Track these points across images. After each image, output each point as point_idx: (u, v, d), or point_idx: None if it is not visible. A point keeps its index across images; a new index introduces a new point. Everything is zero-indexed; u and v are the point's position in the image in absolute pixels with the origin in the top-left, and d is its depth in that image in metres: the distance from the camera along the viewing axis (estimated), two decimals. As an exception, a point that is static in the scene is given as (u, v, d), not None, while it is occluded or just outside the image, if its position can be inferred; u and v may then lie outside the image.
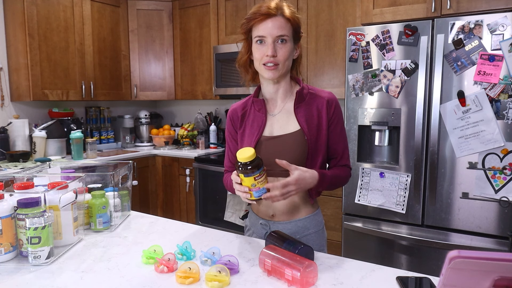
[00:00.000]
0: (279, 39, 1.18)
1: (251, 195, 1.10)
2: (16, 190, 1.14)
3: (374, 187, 2.26)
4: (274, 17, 1.17)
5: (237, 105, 1.37)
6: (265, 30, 1.17)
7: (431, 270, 2.10)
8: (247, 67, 1.30)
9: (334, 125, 1.26)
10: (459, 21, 1.97)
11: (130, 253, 1.18)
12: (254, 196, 1.10)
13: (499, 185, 1.93)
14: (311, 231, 1.29)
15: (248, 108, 1.33)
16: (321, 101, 1.26)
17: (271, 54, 1.17)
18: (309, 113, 1.25)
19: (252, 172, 1.07)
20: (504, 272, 0.55)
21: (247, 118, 1.32)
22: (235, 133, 1.35)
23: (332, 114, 1.26)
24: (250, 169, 1.06)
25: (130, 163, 1.59)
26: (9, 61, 3.04)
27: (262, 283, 0.97)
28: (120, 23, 3.54)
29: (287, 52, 1.19)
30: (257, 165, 1.07)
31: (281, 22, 1.17)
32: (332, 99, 1.27)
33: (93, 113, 3.60)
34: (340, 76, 2.78)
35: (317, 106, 1.26)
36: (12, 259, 1.12)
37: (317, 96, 1.27)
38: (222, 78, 3.30)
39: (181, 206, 3.47)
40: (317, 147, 1.24)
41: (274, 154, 1.22)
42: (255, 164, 1.07)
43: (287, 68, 1.23)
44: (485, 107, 1.93)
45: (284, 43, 1.18)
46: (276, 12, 1.17)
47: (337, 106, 1.27)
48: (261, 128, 1.27)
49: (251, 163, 1.06)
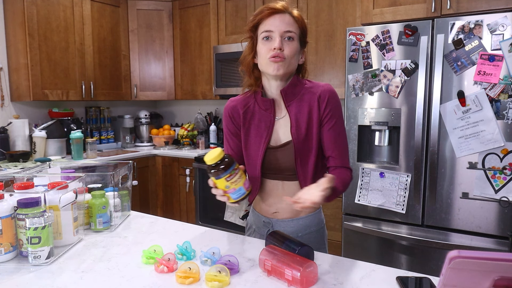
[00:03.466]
0: (286, 35, 1.16)
1: (229, 198, 1.05)
2: (16, 190, 1.14)
3: (374, 187, 2.26)
4: (282, 13, 1.17)
5: (236, 101, 1.31)
6: (272, 24, 1.16)
7: (431, 270, 2.10)
8: (250, 70, 1.25)
9: (327, 121, 1.20)
10: (459, 21, 1.97)
11: (130, 253, 1.18)
12: (232, 199, 1.05)
13: (499, 185, 1.93)
14: (312, 229, 1.29)
15: (251, 106, 1.28)
16: (313, 97, 1.21)
17: (278, 47, 1.14)
18: (300, 110, 1.21)
19: (222, 173, 1.01)
20: (504, 272, 0.55)
21: (252, 117, 1.27)
22: (236, 129, 1.31)
23: (323, 110, 1.20)
24: (217, 171, 1.01)
25: (130, 163, 1.59)
26: (9, 61, 3.04)
27: (262, 283, 0.97)
28: (120, 23, 3.54)
29: (294, 49, 1.17)
30: (227, 165, 1.01)
31: (289, 19, 1.17)
32: (325, 92, 1.21)
33: (93, 113, 3.60)
34: (340, 76, 2.77)
35: (309, 102, 1.21)
36: (12, 259, 1.12)
37: (311, 91, 1.22)
38: (222, 78, 3.30)
39: (181, 206, 3.47)
40: (305, 147, 1.20)
41: (278, 161, 1.23)
42: (222, 165, 1.01)
43: (292, 68, 1.20)
44: (485, 107, 1.93)
45: (291, 41, 1.16)
46: (285, 10, 1.17)
47: (331, 99, 1.20)
48: (269, 130, 1.24)
49: (216, 165, 1.01)
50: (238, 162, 1.30)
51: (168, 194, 3.54)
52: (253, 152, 1.26)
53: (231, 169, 1.02)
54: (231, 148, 1.34)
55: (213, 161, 1.02)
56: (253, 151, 1.26)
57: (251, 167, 1.28)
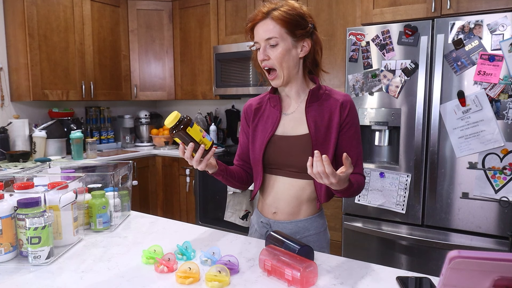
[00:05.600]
0: (267, 43, 1.17)
1: (206, 142, 1.12)
2: (16, 190, 1.14)
3: (374, 187, 2.26)
4: (263, 20, 1.17)
5: (253, 100, 1.37)
6: (256, 35, 1.19)
7: (431, 270, 2.10)
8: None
9: (346, 129, 1.22)
10: (459, 21, 1.97)
11: (130, 253, 1.18)
12: (208, 140, 1.13)
13: (499, 185, 1.93)
14: (311, 232, 1.29)
15: (264, 103, 1.33)
16: (335, 103, 1.22)
17: (261, 59, 1.18)
18: (320, 114, 1.23)
19: (191, 121, 1.09)
20: (504, 272, 0.55)
21: (262, 113, 1.32)
22: (247, 127, 1.35)
23: (345, 117, 1.21)
24: (188, 121, 1.08)
25: (130, 163, 1.59)
26: (9, 61, 3.04)
27: (262, 283, 0.97)
28: (120, 23, 3.54)
29: (279, 54, 1.17)
30: (189, 117, 1.10)
31: (268, 25, 1.16)
32: (347, 101, 1.23)
33: (93, 113, 3.60)
34: (340, 76, 2.78)
35: (330, 108, 1.23)
36: (12, 259, 1.12)
37: (331, 97, 1.24)
38: (222, 78, 3.30)
39: (181, 206, 3.47)
40: (323, 150, 1.21)
41: (282, 154, 1.24)
42: (187, 116, 1.09)
43: (289, 71, 1.20)
44: (485, 107, 1.93)
45: (274, 47, 1.17)
46: (264, 16, 1.17)
47: (352, 109, 1.23)
48: (275, 125, 1.26)
49: (184, 118, 1.08)
50: (245, 160, 1.37)
51: (168, 194, 3.54)
52: (258, 146, 1.29)
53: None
54: (241, 145, 1.39)
55: (177, 118, 1.08)
56: (258, 144, 1.29)
57: (254, 160, 1.31)
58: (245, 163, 1.38)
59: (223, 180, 1.29)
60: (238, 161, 1.39)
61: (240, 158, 1.39)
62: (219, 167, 1.23)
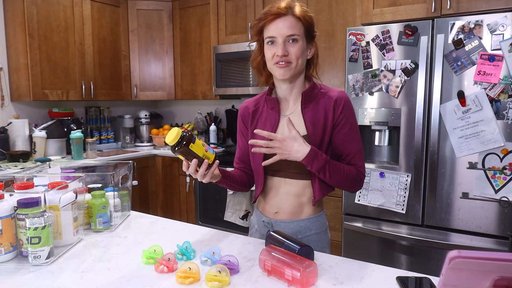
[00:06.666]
0: (289, 38, 1.16)
1: (209, 157, 1.12)
2: (16, 190, 1.14)
3: (374, 187, 2.26)
4: (284, 16, 1.16)
5: (249, 101, 1.36)
6: (275, 30, 1.17)
7: (431, 270, 2.10)
8: (260, 69, 1.29)
9: (341, 126, 1.22)
10: (459, 21, 1.97)
11: (130, 253, 1.18)
12: (211, 154, 1.13)
13: (499, 185, 1.93)
14: (312, 232, 1.29)
15: (261, 105, 1.32)
16: (329, 100, 1.22)
17: (281, 54, 1.16)
18: (316, 114, 1.23)
19: (193, 136, 1.09)
20: (504, 272, 0.55)
21: (260, 115, 1.31)
22: (245, 129, 1.35)
23: (339, 114, 1.21)
24: (190, 136, 1.08)
25: (130, 163, 1.59)
26: (9, 61, 3.04)
27: (262, 283, 0.97)
28: (120, 23, 3.54)
29: (299, 50, 1.17)
30: (191, 133, 1.10)
31: (291, 21, 1.16)
32: (341, 98, 1.22)
33: (93, 113, 3.60)
34: (340, 76, 2.77)
35: (325, 106, 1.23)
36: (12, 259, 1.12)
37: (326, 95, 1.24)
38: (222, 78, 3.30)
39: (181, 206, 3.47)
40: (321, 149, 1.21)
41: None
42: (190, 132, 1.09)
43: (300, 68, 1.21)
44: (485, 107, 1.93)
45: (295, 42, 1.17)
46: (286, 12, 1.16)
47: (346, 106, 1.22)
48: (274, 128, 1.26)
49: (187, 133, 1.08)
50: (245, 162, 1.38)
51: (168, 194, 3.54)
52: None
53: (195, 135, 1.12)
54: (240, 148, 1.38)
55: (178, 135, 1.06)
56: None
57: (255, 164, 1.31)
58: (245, 165, 1.38)
59: (227, 186, 1.30)
60: (239, 164, 1.39)
61: (240, 160, 1.39)
62: (222, 175, 1.24)
